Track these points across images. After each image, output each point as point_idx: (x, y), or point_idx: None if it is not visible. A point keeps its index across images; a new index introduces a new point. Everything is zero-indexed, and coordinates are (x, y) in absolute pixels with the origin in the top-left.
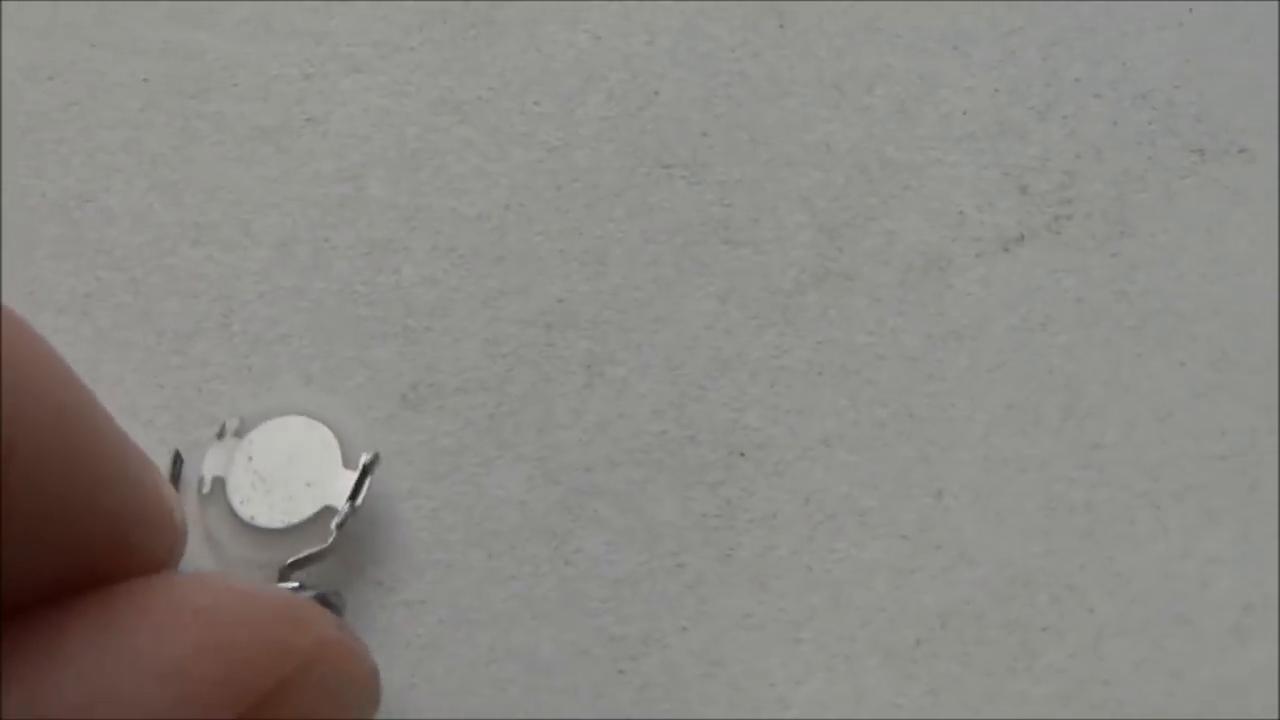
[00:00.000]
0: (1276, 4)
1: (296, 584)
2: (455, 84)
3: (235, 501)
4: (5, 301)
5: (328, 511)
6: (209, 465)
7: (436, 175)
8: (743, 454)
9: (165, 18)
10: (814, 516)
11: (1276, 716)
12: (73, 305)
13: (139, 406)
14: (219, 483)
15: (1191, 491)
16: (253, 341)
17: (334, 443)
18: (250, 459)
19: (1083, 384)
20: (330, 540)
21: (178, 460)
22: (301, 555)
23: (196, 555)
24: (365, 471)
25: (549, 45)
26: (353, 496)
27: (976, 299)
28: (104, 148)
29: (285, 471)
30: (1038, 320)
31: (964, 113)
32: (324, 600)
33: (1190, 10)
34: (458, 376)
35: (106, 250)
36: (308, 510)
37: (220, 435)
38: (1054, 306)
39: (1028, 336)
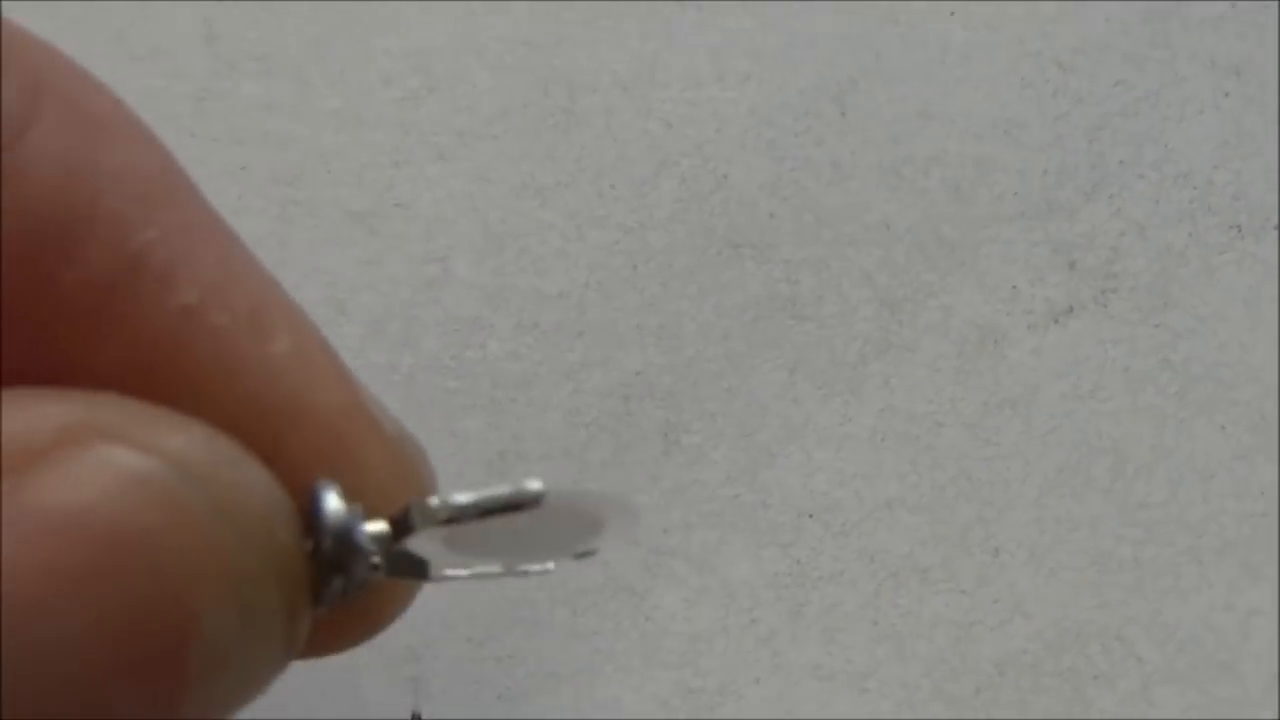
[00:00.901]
0: None
1: None
2: (536, 169)
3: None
4: None
5: None
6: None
7: (519, 256)
8: (811, 516)
9: (262, 109)
10: (878, 574)
11: None
12: None
13: None
14: None
15: (1233, 547)
16: None
17: None
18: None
19: (1130, 447)
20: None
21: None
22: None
23: None
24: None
25: (624, 133)
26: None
27: (1029, 368)
28: None
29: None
30: (1087, 388)
31: (1015, 194)
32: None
33: (1227, 95)
34: (542, 445)
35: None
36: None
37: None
38: (1102, 375)
39: (1077, 403)
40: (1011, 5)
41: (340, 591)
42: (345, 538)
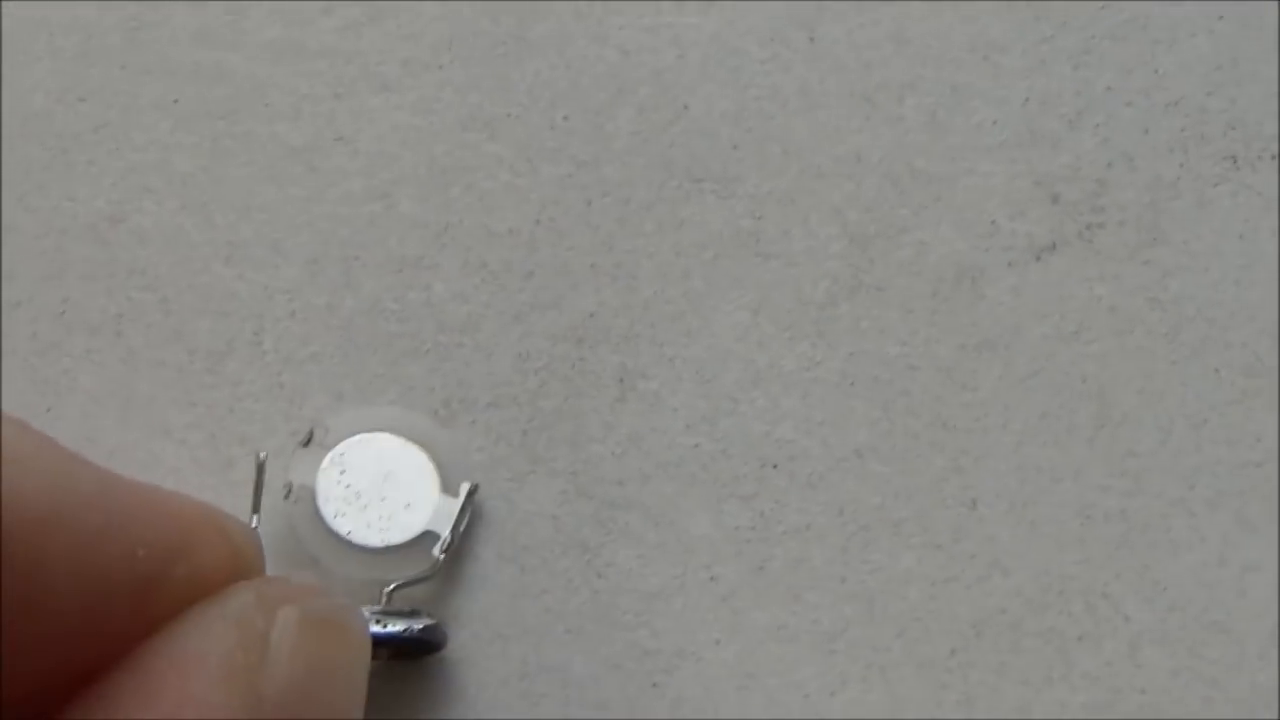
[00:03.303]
0: None
1: (409, 609)
2: (484, 101)
3: (328, 514)
4: (37, 323)
5: (427, 537)
6: (296, 472)
7: (466, 192)
8: (775, 466)
9: (195, 40)
10: (847, 527)
11: None
12: (105, 325)
13: (171, 426)
14: (306, 491)
15: (1226, 498)
16: (284, 360)
17: (430, 467)
18: (342, 472)
19: (1116, 392)
20: (438, 566)
21: (261, 467)
22: (409, 579)
23: (287, 567)
24: (468, 499)
25: (578, 61)
26: (455, 525)
27: (1009, 308)
28: (135, 169)
29: (380, 490)
30: (1070, 329)
31: (995, 122)
32: (438, 628)
33: (1222, 17)
34: (490, 392)
35: (138, 270)
36: (409, 533)
37: (306, 443)
38: (1087, 315)
39: (1060, 345)
40: None
41: None
42: None
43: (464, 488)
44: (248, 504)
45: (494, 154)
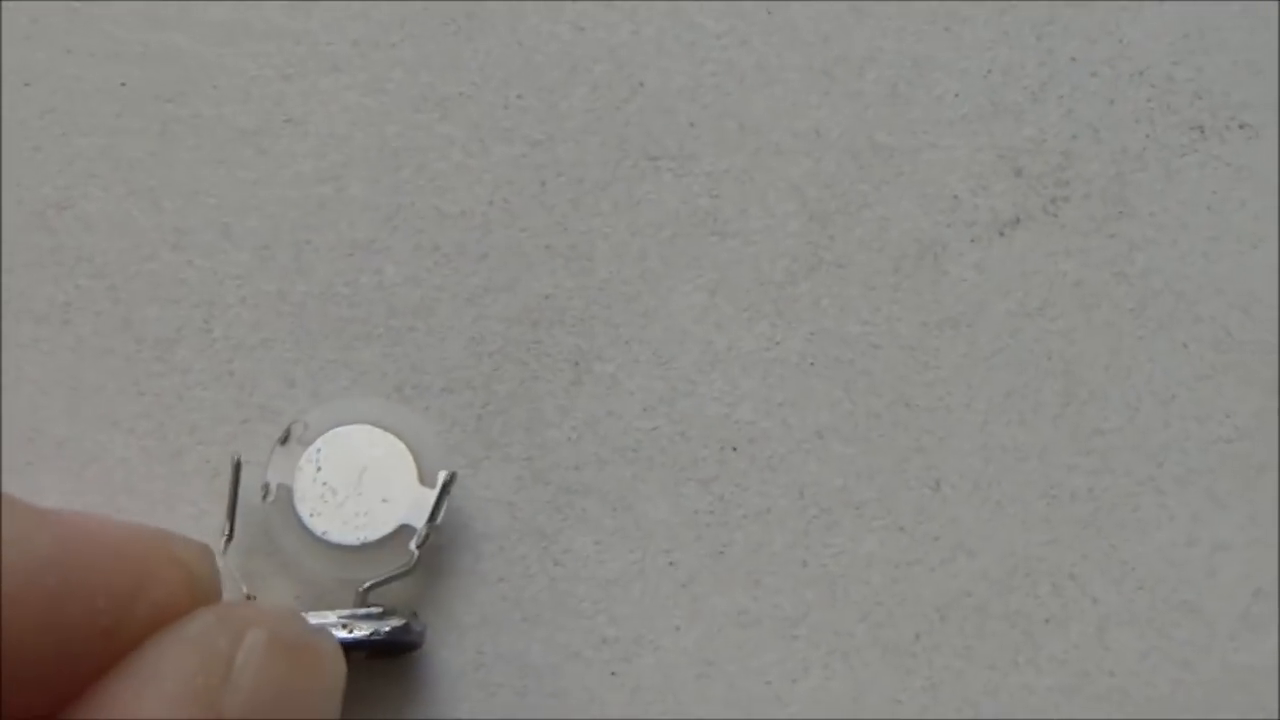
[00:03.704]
0: None
1: (379, 608)
2: (436, 80)
3: (304, 514)
4: None
5: (404, 530)
6: (273, 472)
7: (418, 173)
8: (735, 448)
9: (141, 21)
10: (808, 510)
11: None
12: (52, 314)
13: (119, 415)
14: (285, 491)
15: (1196, 476)
16: (234, 347)
17: (408, 456)
18: (319, 469)
19: (1082, 369)
20: (412, 561)
21: (238, 468)
22: (384, 577)
23: (266, 570)
24: (444, 490)
25: (531, 38)
26: (432, 516)
27: (972, 284)
28: (81, 154)
29: (357, 485)
30: (1035, 305)
31: (956, 95)
32: (409, 628)
33: None
34: (443, 377)
35: (85, 258)
36: (386, 528)
37: (284, 440)
38: (1052, 290)
39: (1025, 321)
40: None
41: None
42: None
43: (441, 476)
44: (203, 497)
45: (446, 134)
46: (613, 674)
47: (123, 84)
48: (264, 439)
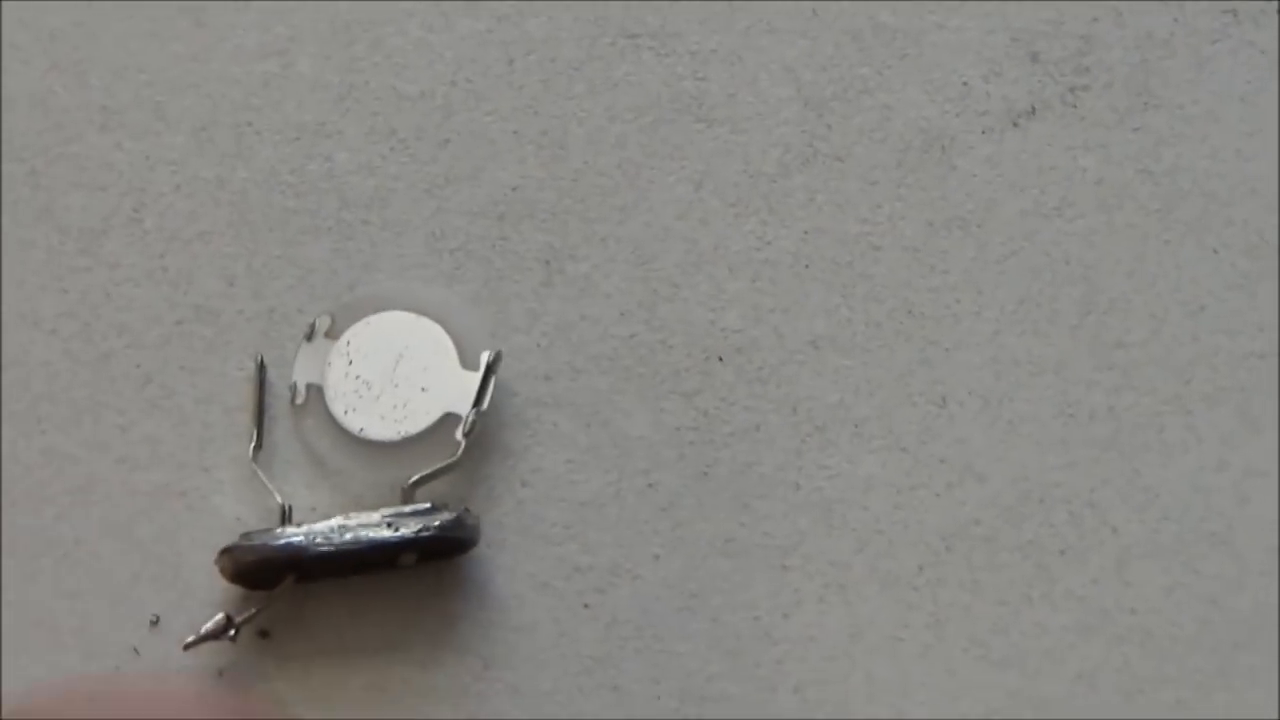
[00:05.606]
0: None
1: (427, 504)
2: None
3: (338, 412)
4: None
5: (449, 419)
6: (300, 371)
7: (373, 50)
8: (721, 359)
9: None
10: (802, 428)
11: None
12: None
13: (41, 314)
14: (315, 390)
15: (1226, 394)
16: (168, 239)
17: (446, 341)
18: (350, 363)
19: (1103, 275)
20: (459, 451)
21: (262, 368)
22: (429, 471)
23: (296, 476)
24: (489, 371)
25: None
26: (477, 401)
27: (983, 181)
28: None
29: (392, 375)
30: (1052, 204)
31: None
32: (462, 521)
33: None
34: (399, 275)
35: (3, 139)
36: (428, 419)
37: (309, 337)
38: (1070, 188)
39: (1041, 222)
40: None
41: None
42: None
43: (484, 357)
44: (133, 405)
45: (404, 7)
46: (585, 606)
47: None
48: (199, 341)
